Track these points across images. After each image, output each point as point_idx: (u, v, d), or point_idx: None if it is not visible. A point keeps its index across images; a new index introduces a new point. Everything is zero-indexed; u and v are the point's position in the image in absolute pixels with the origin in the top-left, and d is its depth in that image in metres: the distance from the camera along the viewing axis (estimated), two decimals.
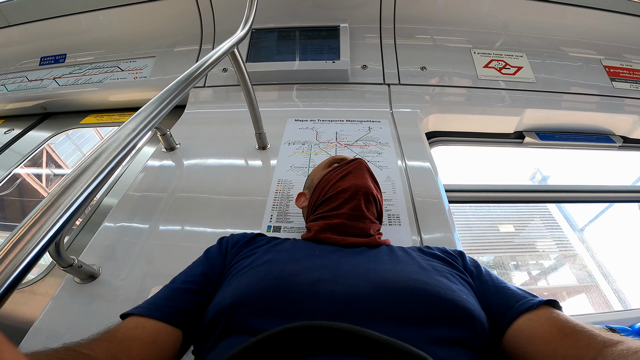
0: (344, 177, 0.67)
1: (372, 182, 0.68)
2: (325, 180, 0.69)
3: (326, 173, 0.71)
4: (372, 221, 0.65)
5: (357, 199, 0.63)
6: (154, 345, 0.43)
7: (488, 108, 1.31)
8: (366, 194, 0.63)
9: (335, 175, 0.68)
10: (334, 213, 0.63)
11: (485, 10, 1.47)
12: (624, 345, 0.35)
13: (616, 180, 1.36)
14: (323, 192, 0.68)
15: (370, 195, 0.64)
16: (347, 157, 0.75)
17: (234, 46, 0.84)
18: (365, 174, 0.68)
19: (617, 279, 1.76)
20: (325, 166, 0.75)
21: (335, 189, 0.65)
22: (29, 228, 0.34)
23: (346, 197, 0.63)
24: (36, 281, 0.93)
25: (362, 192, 0.63)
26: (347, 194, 0.63)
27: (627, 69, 1.46)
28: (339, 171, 0.69)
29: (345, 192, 0.64)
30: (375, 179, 0.71)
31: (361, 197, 0.63)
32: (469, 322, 0.42)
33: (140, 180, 1.02)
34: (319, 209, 0.67)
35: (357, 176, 0.66)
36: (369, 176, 0.68)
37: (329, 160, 0.77)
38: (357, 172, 0.67)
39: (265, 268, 0.49)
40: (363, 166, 0.70)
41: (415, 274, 0.48)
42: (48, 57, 1.73)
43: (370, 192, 0.64)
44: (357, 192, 0.63)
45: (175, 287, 0.51)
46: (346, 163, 0.71)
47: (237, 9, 1.34)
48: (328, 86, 1.38)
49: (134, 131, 0.49)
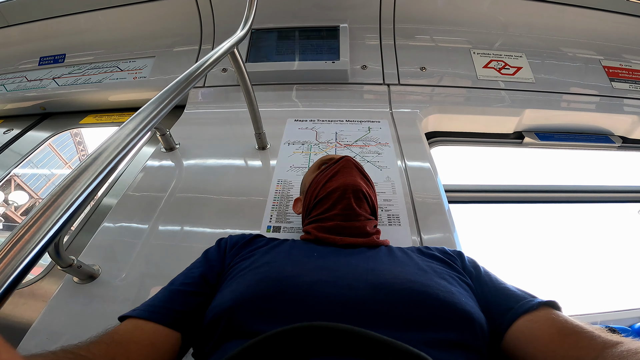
0: (333, 177, 0.67)
1: (362, 178, 0.68)
2: (315, 182, 0.70)
3: (316, 175, 0.71)
4: (367, 217, 0.65)
5: (347, 198, 0.63)
6: (152, 348, 0.43)
7: (487, 108, 1.31)
8: (356, 192, 0.63)
9: (324, 176, 0.68)
10: (327, 215, 0.64)
11: (484, 11, 1.47)
12: (624, 347, 0.35)
13: (615, 181, 1.36)
14: (314, 195, 0.68)
15: (360, 192, 0.64)
16: (335, 157, 0.75)
17: (234, 46, 0.84)
18: (352, 171, 0.67)
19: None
20: (314, 169, 0.75)
21: (325, 190, 0.65)
22: (28, 228, 0.34)
23: (336, 197, 0.63)
24: (35, 281, 0.92)
25: (351, 190, 0.63)
26: (337, 194, 0.63)
27: (626, 69, 1.47)
28: (327, 172, 0.69)
29: (334, 192, 0.64)
30: (365, 174, 0.71)
31: (351, 195, 0.63)
32: (468, 325, 0.42)
33: (140, 181, 1.02)
34: (312, 212, 0.68)
35: (345, 174, 0.66)
36: (357, 173, 0.68)
37: (318, 162, 0.77)
38: (345, 171, 0.67)
39: (264, 270, 0.49)
40: (351, 164, 0.69)
41: (414, 275, 0.47)
42: (47, 57, 1.72)
43: (359, 188, 0.64)
44: (346, 191, 0.63)
45: (174, 289, 0.51)
46: (334, 162, 0.70)
47: (237, 9, 1.34)
48: (328, 86, 1.39)
49: (134, 131, 0.49)
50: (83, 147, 1.79)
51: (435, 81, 1.38)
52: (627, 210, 1.43)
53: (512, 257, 2.11)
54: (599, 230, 1.92)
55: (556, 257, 2.16)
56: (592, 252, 2.02)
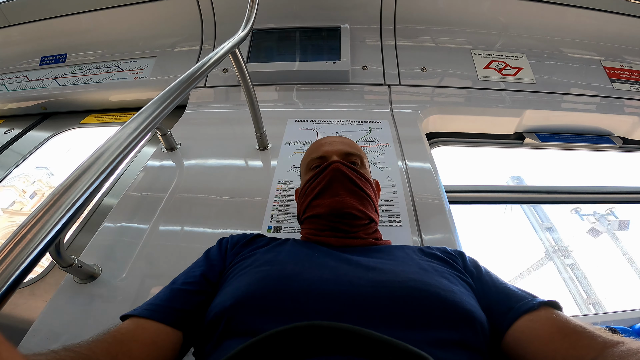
0: (320, 196, 0.62)
1: (352, 191, 0.61)
2: (304, 191, 0.67)
3: (306, 182, 0.67)
4: (361, 228, 0.62)
5: (337, 222, 0.60)
6: (154, 346, 0.43)
7: (488, 109, 1.31)
8: (342, 215, 0.59)
9: (311, 190, 0.64)
10: (320, 233, 0.62)
11: (485, 12, 1.47)
12: (624, 347, 0.35)
13: (616, 181, 1.36)
14: (304, 206, 0.66)
15: (348, 214, 0.59)
16: (325, 156, 0.67)
17: (235, 46, 0.85)
18: (339, 187, 0.61)
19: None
20: (307, 167, 0.71)
21: (313, 209, 0.62)
22: (30, 228, 0.34)
23: (325, 222, 0.61)
24: (36, 281, 0.92)
25: (338, 214, 0.59)
26: (325, 220, 0.61)
27: (627, 70, 1.47)
28: (314, 184, 0.64)
29: (322, 217, 0.61)
30: (357, 181, 0.63)
31: (339, 220, 0.60)
32: (469, 323, 0.42)
33: (141, 181, 1.02)
34: (305, 220, 0.66)
35: (332, 191, 0.61)
36: (347, 185, 0.62)
37: (309, 160, 0.70)
38: (333, 188, 0.61)
39: (266, 268, 0.49)
40: (338, 176, 0.62)
41: (415, 274, 0.48)
42: (48, 56, 1.73)
43: (347, 211, 0.59)
44: (331, 215, 0.60)
45: (175, 288, 0.51)
46: (320, 171, 0.64)
47: (238, 10, 1.34)
48: (328, 87, 1.39)
49: (135, 131, 0.49)
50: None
51: (436, 82, 1.38)
52: (627, 210, 1.43)
53: (513, 257, 2.11)
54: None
55: (556, 258, 2.15)
56: (592, 252, 2.03)
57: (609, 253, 4.75)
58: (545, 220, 5.30)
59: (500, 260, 4.02)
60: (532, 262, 5.50)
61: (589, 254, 5.18)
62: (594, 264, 5.33)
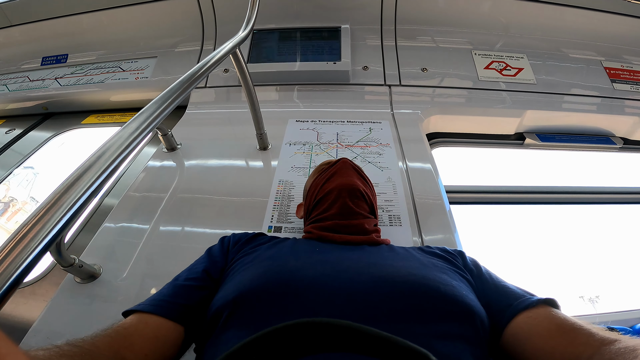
0: (330, 179, 0.68)
1: (359, 178, 0.69)
2: (314, 185, 0.71)
3: (315, 179, 0.73)
4: (365, 216, 0.65)
5: (343, 197, 0.63)
6: (156, 341, 0.43)
7: (489, 109, 1.31)
8: (351, 191, 0.64)
9: (322, 178, 0.70)
10: (325, 215, 0.64)
11: (486, 12, 1.47)
12: (622, 344, 0.35)
13: (617, 182, 1.36)
14: (314, 197, 0.69)
15: (357, 191, 0.65)
16: (332, 160, 0.77)
17: (236, 47, 0.85)
18: (349, 171, 0.69)
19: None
20: (315, 174, 0.77)
21: (323, 191, 0.67)
22: (30, 228, 0.34)
23: (333, 196, 0.64)
24: (36, 281, 0.93)
25: (347, 189, 0.64)
26: (334, 194, 0.64)
27: (627, 70, 1.47)
28: (325, 174, 0.70)
29: (332, 192, 0.65)
30: (362, 174, 0.72)
31: (346, 195, 0.64)
32: (469, 317, 0.42)
33: (141, 181, 1.02)
34: (312, 213, 0.69)
35: (341, 175, 0.67)
36: (354, 173, 0.69)
37: (318, 167, 0.78)
38: (342, 172, 0.68)
39: (267, 264, 0.50)
40: (347, 165, 0.71)
41: (415, 269, 0.48)
42: (50, 57, 1.73)
43: (356, 188, 0.64)
44: (342, 191, 0.64)
45: (178, 284, 0.51)
46: (331, 165, 0.72)
47: (239, 10, 1.34)
48: (329, 87, 1.39)
49: (136, 131, 0.50)
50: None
51: (436, 82, 1.38)
52: (627, 211, 1.43)
53: (513, 257, 2.11)
54: (598, 231, 1.92)
55: (556, 258, 2.15)
56: (591, 252, 2.02)
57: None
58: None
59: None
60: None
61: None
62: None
